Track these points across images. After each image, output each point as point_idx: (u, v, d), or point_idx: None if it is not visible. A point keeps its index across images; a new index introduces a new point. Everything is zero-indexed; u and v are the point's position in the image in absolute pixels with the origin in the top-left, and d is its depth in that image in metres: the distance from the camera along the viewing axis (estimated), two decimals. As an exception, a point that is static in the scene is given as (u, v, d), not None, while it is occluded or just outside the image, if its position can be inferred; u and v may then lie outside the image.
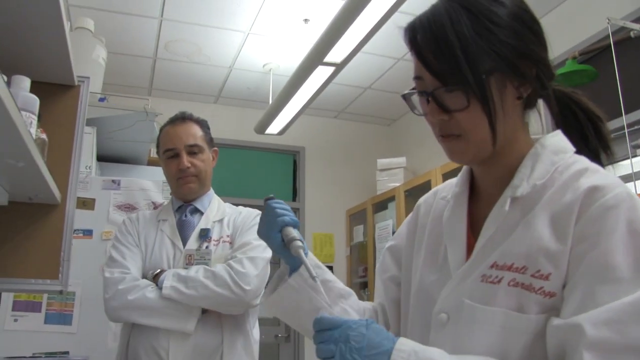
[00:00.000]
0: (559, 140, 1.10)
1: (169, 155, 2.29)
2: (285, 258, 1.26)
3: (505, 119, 1.03)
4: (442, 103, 1.03)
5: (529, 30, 1.04)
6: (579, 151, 1.10)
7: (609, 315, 0.85)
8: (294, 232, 1.22)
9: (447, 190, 1.24)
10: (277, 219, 1.23)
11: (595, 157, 1.13)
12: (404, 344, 0.95)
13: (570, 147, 1.09)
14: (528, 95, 1.06)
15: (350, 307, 1.26)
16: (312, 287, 1.17)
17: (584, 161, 1.06)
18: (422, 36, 1.03)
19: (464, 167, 1.21)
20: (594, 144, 1.15)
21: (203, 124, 2.38)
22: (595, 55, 3.51)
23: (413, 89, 1.10)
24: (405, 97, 1.12)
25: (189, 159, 2.27)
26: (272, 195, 1.30)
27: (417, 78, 1.07)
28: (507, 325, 0.97)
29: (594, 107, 1.17)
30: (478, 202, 1.16)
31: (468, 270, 1.05)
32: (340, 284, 1.30)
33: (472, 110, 1.00)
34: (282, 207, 1.26)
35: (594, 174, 1.00)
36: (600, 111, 1.17)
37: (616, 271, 0.89)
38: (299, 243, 1.20)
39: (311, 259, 1.25)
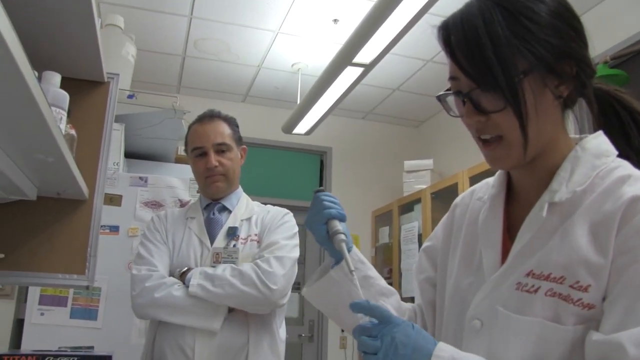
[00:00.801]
0: (600, 142, 1.06)
1: (197, 153, 2.29)
2: (330, 250, 1.26)
3: (543, 120, 0.99)
4: (478, 104, 1.00)
5: (570, 28, 1.00)
6: (621, 151, 1.06)
7: None
8: (339, 226, 1.22)
9: (484, 191, 1.21)
10: (324, 212, 1.23)
11: (639, 157, 1.09)
12: (443, 350, 0.93)
13: (612, 150, 1.05)
14: (568, 95, 1.02)
15: (391, 306, 1.25)
16: (352, 281, 1.15)
17: (627, 167, 1.01)
18: (455, 37, 1.00)
19: None
20: (637, 143, 1.11)
21: (231, 122, 2.37)
22: (627, 59, 3.44)
23: (448, 89, 1.07)
24: (440, 99, 1.09)
25: (217, 158, 2.26)
26: (322, 188, 1.30)
27: (453, 78, 1.04)
28: (543, 335, 0.93)
29: (637, 105, 1.13)
30: (515, 204, 1.12)
31: (502, 276, 1.02)
32: (382, 282, 1.29)
33: (509, 111, 0.97)
34: (330, 199, 1.26)
35: (637, 182, 0.96)
36: None
37: None
38: (342, 236, 1.20)
39: (355, 254, 1.26)
